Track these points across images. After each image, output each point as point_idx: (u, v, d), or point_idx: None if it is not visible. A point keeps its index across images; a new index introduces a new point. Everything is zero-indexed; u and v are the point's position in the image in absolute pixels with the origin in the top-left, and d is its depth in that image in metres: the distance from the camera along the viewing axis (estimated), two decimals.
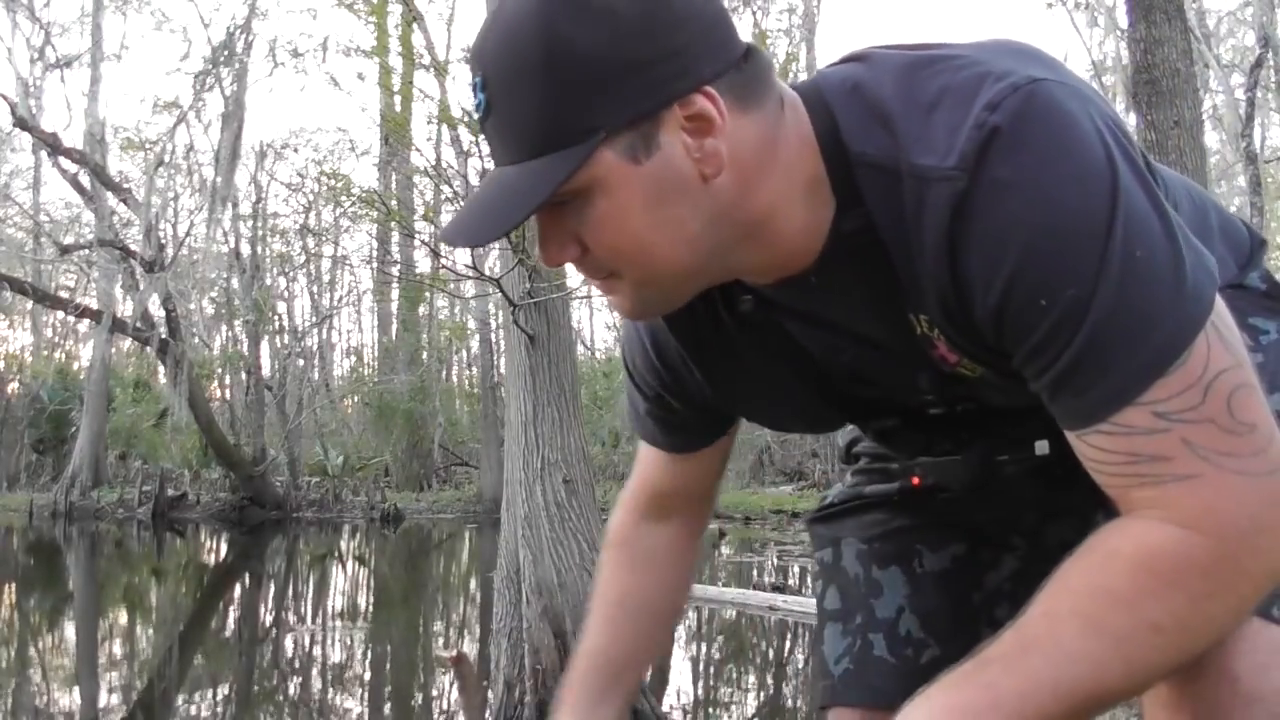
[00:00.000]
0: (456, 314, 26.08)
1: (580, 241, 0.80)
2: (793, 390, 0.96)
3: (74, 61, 19.14)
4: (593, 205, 0.78)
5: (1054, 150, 0.72)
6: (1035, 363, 0.76)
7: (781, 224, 0.82)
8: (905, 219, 0.77)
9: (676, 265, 0.81)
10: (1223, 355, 0.73)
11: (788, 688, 6.07)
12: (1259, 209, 11.34)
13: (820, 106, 0.81)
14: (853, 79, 0.81)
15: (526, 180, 0.76)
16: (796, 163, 0.80)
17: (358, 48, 20.36)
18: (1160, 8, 4.85)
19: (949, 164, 0.73)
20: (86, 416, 19.98)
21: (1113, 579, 0.73)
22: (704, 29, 0.76)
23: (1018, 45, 0.81)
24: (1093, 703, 0.74)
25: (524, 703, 4.54)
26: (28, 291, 17.83)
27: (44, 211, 24.02)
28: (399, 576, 12.26)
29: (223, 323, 25.66)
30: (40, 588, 11.19)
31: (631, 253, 0.80)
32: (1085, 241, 0.71)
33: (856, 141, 0.79)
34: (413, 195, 17.29)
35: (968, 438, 0.99)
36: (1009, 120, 0.72)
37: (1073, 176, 0.72)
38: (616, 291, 0.84)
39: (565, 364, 4.96)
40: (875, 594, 1.11)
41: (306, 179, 22.58)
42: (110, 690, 6.15)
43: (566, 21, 0.73)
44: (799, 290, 0.86)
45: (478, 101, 0.79)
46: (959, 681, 0.75)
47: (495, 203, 0.79)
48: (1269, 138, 20.36)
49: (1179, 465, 0.72)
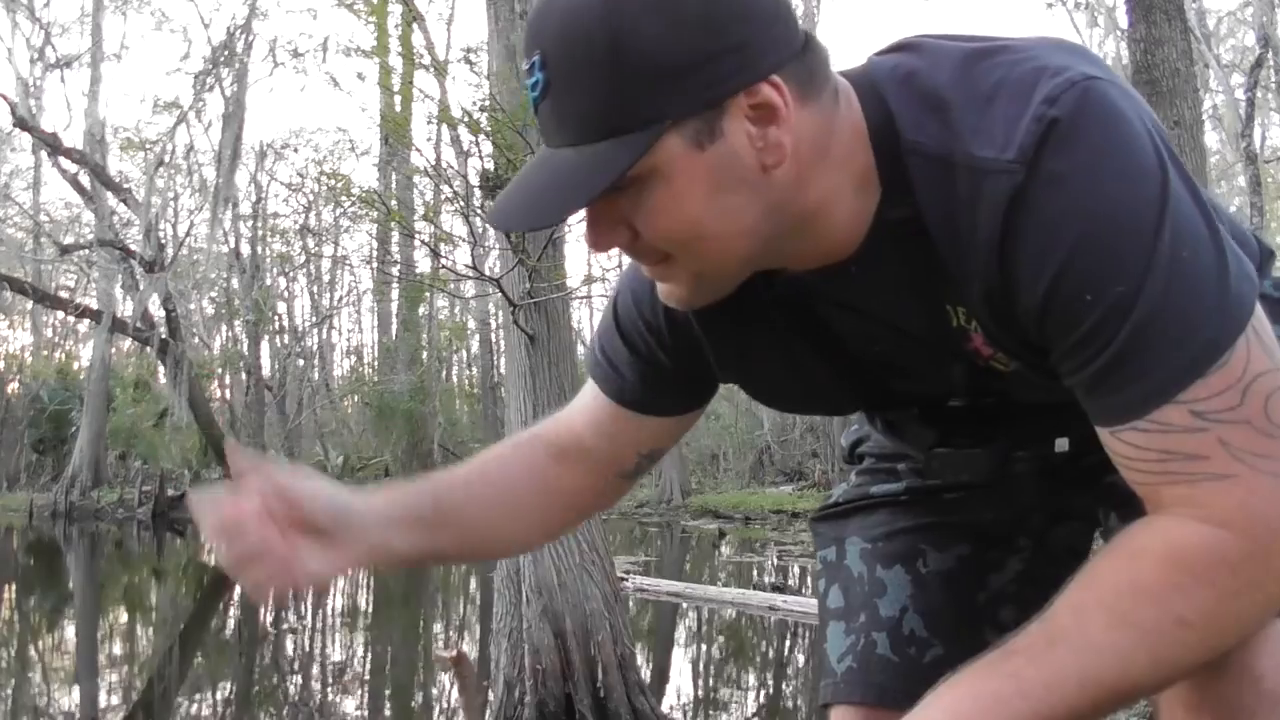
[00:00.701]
0: (456, 314, 26.10)
1: (631, 226, 0.79)
2: (811, 373, 0.95)
3: (74, 61, 19.16)
4: (650, 192, 0.77)
5: (1109, 146, 0.73)
6: (1076, 357, 0.76)
7: (833, 216, 0.81)
8: (957, 209, 0.77)
9: (731, 254, 0.80)
10: (1262, 359, 0.74)
11: (788, 688, 6.08)
12: (1259, 209, 11.34)
13: (873, 95, 0.81)
14: (906, 67, 0.81)
15: (587, 164, 0.75)
16: (850, 154, 0.80)
17: (358, 48, 20.43)
18: (1160, 8, 4.85)
19: (1008, 156, 0.74)
20: (86, 416, 19.99)
21: (1141, 574, 0.74)
22: (768, 19, 0.76)
23: (1068, 43, 0.81)
24: (1117, 696, 0.75)
25: (524, 703, 4.54)
26: (28, 291, 17.84)
27: (44, 211, 24.04)
28: (399, 576, 12.25)
29: (223, 323, 25.67)
30: (40, 588, 11.19)
31: (688, 240, 0.79)
32: (1135, 238, 0.72)
33: (910, 130, 0.78)
34: (413, 195, 17.27)
35: (986, 432, 0.99)
36: (1067, 115, 0.73)
37: (1126, 173, 0.73)
38: (670, 278, 0.84)
39: (565, 364, 4.96)
40: (879, 593, 1.11)
41: (306, 179, 22.62)
42: (110, 690, 6.15)
43: (634, 10, 0.72)
44: (837, 278, 0.86)
45: (535, 80, 0.77)
46: (985, 670, 0.76)
47: (552, 186, 0.77)
48: (1269, 138, 20.38)
49: (1215, 465, 0.73)
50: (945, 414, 0.98)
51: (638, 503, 19.01)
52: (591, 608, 4.65)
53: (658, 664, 6.58)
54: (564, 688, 4.56)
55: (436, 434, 23.11)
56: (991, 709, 0.74)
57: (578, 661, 4.58)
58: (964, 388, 0.93)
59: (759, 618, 8.00)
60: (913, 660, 1.07)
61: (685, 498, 19.29)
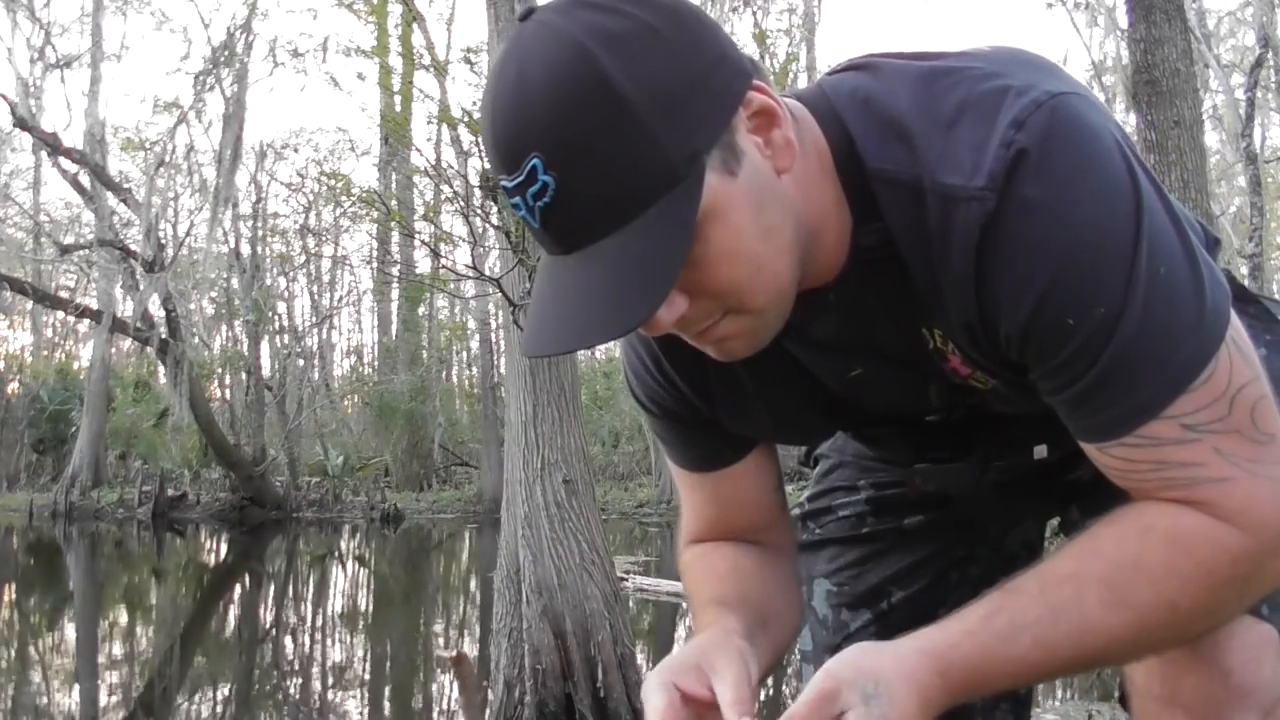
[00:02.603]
0: (456, 314, 26.09)
1: (686, 290, 0.73)
2: (789, 408, 0.95)
3: (74, 61, 19.12)
4: (706, 239, 0.71)
5: (1081, 167, 0.72)
6: (1058, 378, 0.76)
7: (828, 232, 0.80)
8: (928, 236, 0.76)
9: (783, 278, 0.76)
10: (1244, 369, 0.75)
11: (787, 688, 6.07)
12: (1259, 209, 11.32)
13: (832, 119, 0.79)
14: (863, 91, 0.79)
15: (649, 237, 0.69)
16: (822, 172, 0.79)
17: (358, 48, 20.38)
18: (1160, 8, 4.85)
19: (977, 184, 0.72)
20: (86, 416, 19.98)
21: (1145, 553, 0.75)
22: (720, 31, 0.75)
23: (1025, 55, 0.80)
24: (1095, 665, 0.80)
25: (524, 703, 4.54)
26: (28, 291, 17.82)
27: (44, 211, 24.02)
28: (399, 576, 12.25)
29: (223, 323, 25.65)
30: (40, 588, 11.18)
31: (750, 276, 0.74)
32: (1114, 260, 0.71)
33: (873, 157, 0.77)
34: (413, 195, 17.28)
35: (962, 443, 0.98)
36: (1036, 139, 0.71)
37: (1100, 194, 0.72)
38: (729, 332, 0.77)
39: (565, 364, 4.95)
40: (843, 636, 1.11)
41: (306, 179, 22.58)
42: (110, 690, 6.15)
43: (620, 60, 0.68)
44: (813, 308, 0.83)
45: (539, 186, 0.68)
46: (995, 641, 0.75)
47: (619, 284, 0.69)
48: (1269, 138, 20.32)
49: (1212, 470, 0.74)
50: (923, 429, 0.98)
51: (638, 503, 19.00)
52: (592, 608, 4.65)
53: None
54: (564, 688, 4.56)
55: (437, 434, 23.11)
56: (982, 663, 0.75)
57: (578, 661, 4.58)
58: (941, 404, 0.93)
59: None
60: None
61: None
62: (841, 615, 1.12)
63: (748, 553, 1.01)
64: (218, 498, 19.15)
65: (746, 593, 0.95)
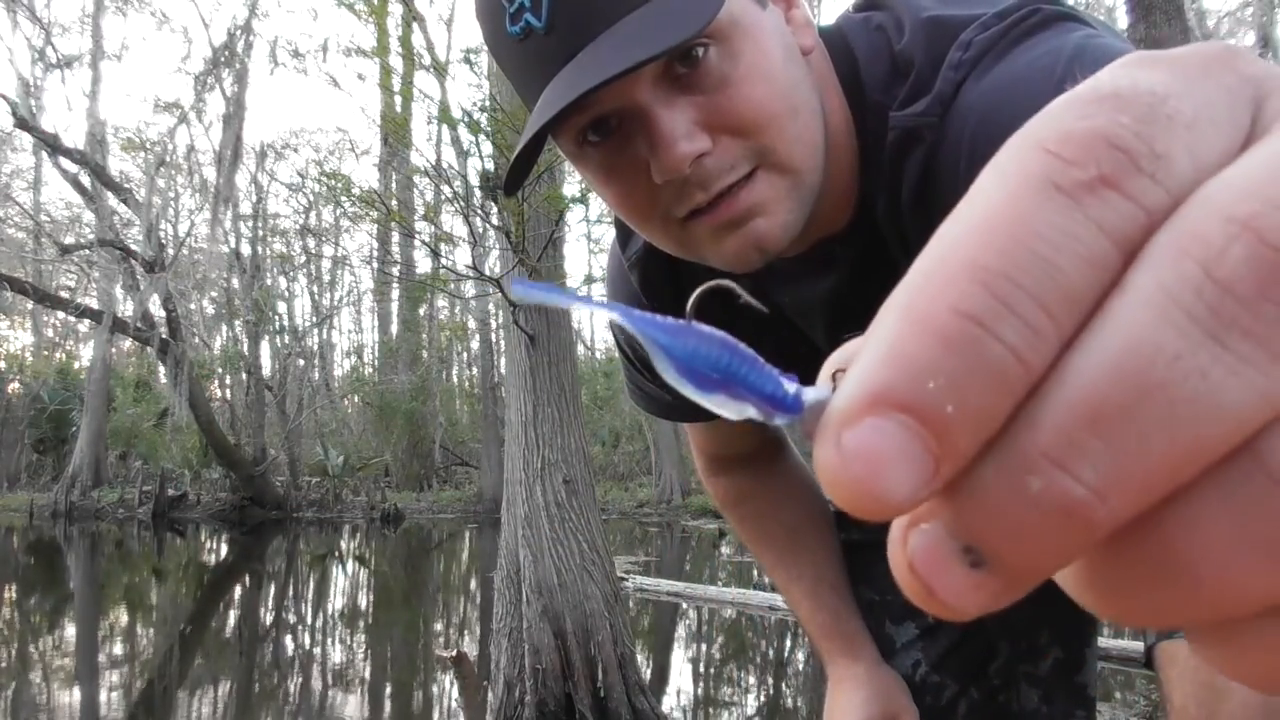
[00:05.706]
0: (456, 314, 26.10)
1: (707, 126, 0.65)
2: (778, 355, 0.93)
3: (74, 61, 19.15)
4: (736, 54, 0.64)
5: (1021, 54, 0.67)
6: None
7: (842, 159, 0.74)
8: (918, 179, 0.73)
9: (818, 137, 0.69)
10: None
11: (788, 688, 6.07)
12: None
13: (842, 48, 0.76)
14: (875, 22, 0.76)
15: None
16: (837, 93, 0.74)
17: (358, 48, 20.40)
18: (1160, 8, 4.85)
19: (929, 109, 0.70)
20: (87, 416, 19.99)
21: None
22: None
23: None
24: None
25: (524, 703, 4.54)
26: (28, 291, 17.83)
27: (44, 211, 24.04)
28: (399, 576, 12.25)
29: (223, 323, 25.67)
30: (40, 588, 11.19)
31: (784, 109, 0.65)
32: (1045, 88, 0.63)
33: (878, 92, 0.73)
34: (413, 195, 17.28)
35: None
36: (979, 51, 0.69)
37: (1034, 54, 0.66)
38: (760, 197, 0.67)
39: (565, 364, 4.96)
40: (888, 651, 1.10)
41: (306, 179, 22.59)
42: (110, 690, 6.15)
43: None
44: (820, 261, 0.80)
45: None
46: None
47: (659, 9, 0.61)
48: None
49: None
50: None
51: (638, 503, 19.01)
52: (591, 608, 4.65)
53: (658, 664, 6.58)
54: (564, 687, 4.56)
55: (437, 434, 23.12)
56: None
57: (578, 661, 4.58)
58: None
59: (759, 618, 8.00)
60: (929, 708, 1.08)
61: (685, 498, 19.28)
62: (886, 628, 1.09)
63: (772, 471, 1.12)
64: (218, 498, 19.16)
65: (802, 527, 1.11)
